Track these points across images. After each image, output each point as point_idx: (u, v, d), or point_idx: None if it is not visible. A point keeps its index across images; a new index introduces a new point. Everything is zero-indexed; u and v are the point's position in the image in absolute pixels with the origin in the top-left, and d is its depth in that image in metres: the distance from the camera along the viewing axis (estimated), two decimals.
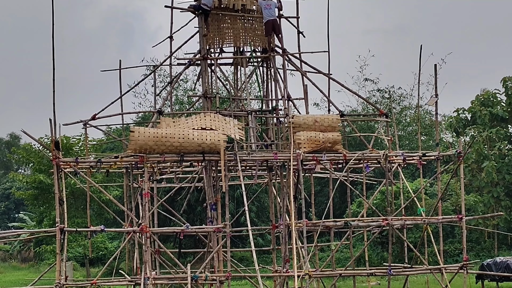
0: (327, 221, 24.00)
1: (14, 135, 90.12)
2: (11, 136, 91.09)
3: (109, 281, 25.10)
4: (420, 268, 24.17)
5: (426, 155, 24.39)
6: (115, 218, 26.67)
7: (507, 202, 42.12)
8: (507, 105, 44.05)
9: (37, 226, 37.54)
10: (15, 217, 65.80)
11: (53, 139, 21.44)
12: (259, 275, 20.48)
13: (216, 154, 21.59)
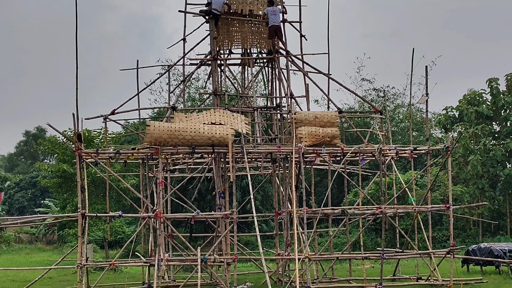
0: (326, 209, 23.98)
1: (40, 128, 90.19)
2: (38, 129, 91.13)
3: (126, 262, 25.10)
4: (411, 253, 24.15)
5: (417, 149, 24.35)
6: (132, 205, 26.64)
7: (491, 193, 42.05)
8: (491, 104, 43.91)
9: (61, 211, 37.51)
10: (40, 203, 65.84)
11: (76, 132, 21.51)
12: (263, 258, 20.45)
13: (224, 146, 21.60)
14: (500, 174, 41.93)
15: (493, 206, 41.73)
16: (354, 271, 26.13)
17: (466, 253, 27.43)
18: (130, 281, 25.37)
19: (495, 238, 39.19)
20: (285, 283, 21.64)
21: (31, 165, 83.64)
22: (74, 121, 21.37)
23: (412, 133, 32.91)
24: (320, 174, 38.05)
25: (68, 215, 29.22)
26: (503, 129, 44.40)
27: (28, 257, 44.28)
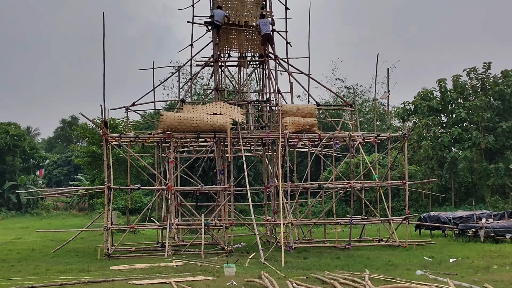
0: (305, 183, 24.03)
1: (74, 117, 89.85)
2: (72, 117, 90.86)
3: (143, 226, 25.12)
4: (374, 219, 24.24)
5: (380, 136, 24.37)
6: (148, 179, 26.63)
7: (439, 171, 42.15)
8: (440, 99, 43.94)
9: (91, 184, 37.47)
10: (74, 178, 65.71)
11: (103, 120, 21.45)
12: (255, 223, 20.50)
13: (224, 132, 21.57)
14: (447, 156, 42.05)
15: (441, 182, 41.88)
16: (328, 234, 26.24)
17: (418, 220, 27.56)
18: (146, 241, 25.42)
19: (442, 208, 39.33)
20: (272, 243, 21.67)
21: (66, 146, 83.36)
22: (101, 111, 21.37)
23: (376, 123, 32.87)
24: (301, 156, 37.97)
25: (97, 187, 29.23)
26: (450, 120, 44.46)
27: (64, 221, 44.32)
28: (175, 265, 17.09)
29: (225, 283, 12.87)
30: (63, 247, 22.39)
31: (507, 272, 14.33)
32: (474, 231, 22.70)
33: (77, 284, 13.37)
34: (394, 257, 18.32)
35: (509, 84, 42.15)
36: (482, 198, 40.50)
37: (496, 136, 41.39)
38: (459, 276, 13.78)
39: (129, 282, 13.52)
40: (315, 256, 19.09)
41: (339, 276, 13.49)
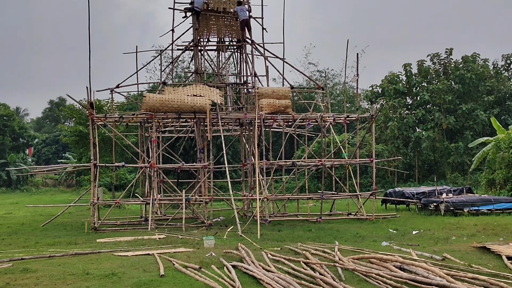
0: (280, 161, 24.08)
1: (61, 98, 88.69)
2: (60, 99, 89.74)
3: (128, 201, 25.01)
4: (343, 194, 24.40)
5: (349, 117, 24.45)
6: (132, 157, 26.43)
7: (404, 150, 42.59)
8: (406, 83, 44.27)
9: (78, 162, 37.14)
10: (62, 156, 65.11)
11: (89, 101, 21.18)
12: (233, 198, 20.51)
13: (203, 113, 21.45)
14: (411, 136, 42.49)
15: (405, 160, 42.34)
16: (301, 208, 26.38)
17: (384, 195, 27.86)
18: (131, 215, 25.33)
19: (407, 184, 39.82)
20: (249, 217, 21.75)
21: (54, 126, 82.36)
22: (87, 92, 21.09)
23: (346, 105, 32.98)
24: (276, 135, 38.05)
25: (83, 165, 28.94)
26: (414, 102, 44.84)
27: (53, 197, 43.92)
28: (157, 238, 17.06)
29: (204, 255, 12.89)
30: (52, 222, 22.21)
31: (464, 242, 14.58)
32: (435, 205, 23.02)
33: (65, 256, 13.28)
34: (362, 230, 18.50)
35: (469, 69, 42.63)
36: (443, 175, 41.10)
37: (457, 117, 41.92)
38: (421, 246, 13.97)
39: (115, 254, 13.48)
40: (288, 229, 19.20)
41: (311, 247, 13.60)
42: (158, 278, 10.19)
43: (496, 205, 22.30)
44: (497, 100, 43.53)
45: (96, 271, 11.00)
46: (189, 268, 11.07)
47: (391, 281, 9.21)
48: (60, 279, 10.32)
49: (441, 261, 11.50)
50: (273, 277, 9.46)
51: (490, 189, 28.02)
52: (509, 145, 26.71)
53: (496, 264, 11.12)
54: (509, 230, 16.91)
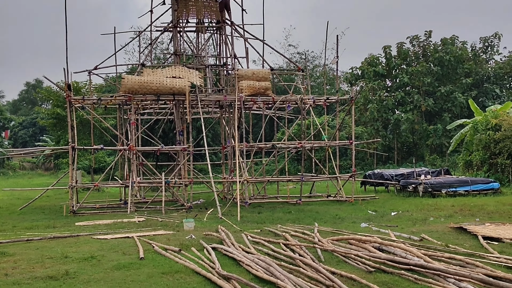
0: (260, 144, 24.10)
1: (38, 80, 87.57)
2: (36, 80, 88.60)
3: (107, 184, 24.87)
4: (323, 177, 24.56)
5: (329, 99, 24.52)
6: (111, 140, 26.23)
7: (383, 132, 42.88)
8: (385, 65, 44.42)
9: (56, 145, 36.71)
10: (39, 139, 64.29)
11: (66, 83, 20.95)
12: (213, 181, 20.52)
13: (183, 95, 21.33)
14: (391, 118, 42.74)
15: (385, 142, 42.66)
16: (280, 190, 26.49)
17: (364, 177, 28.10)
18: (110, 198, 25.21)
19: (386, 166, 40.18)
20: (229, 200, 21.79)
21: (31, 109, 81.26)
22: (65, 74, 20.84)
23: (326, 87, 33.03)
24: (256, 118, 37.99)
25: (61, 147, 28.64)
26: (394, 84, 45.06)
27: (30, 180, 43.42)
28: (137, 220, 17.03)
29: (184, 237, 12.90)
30: (29, 205, 22.00)
31: (442, 223, 14.79)
32: (414, 187, 23.29)
33: (43, 240, 13.18)
34: (341, 211, 18.66)
35: (447, 51, 42.89)
36: (422, 156, 41.52)
37: (435, 100, 42.26)
38: (399, 227, 14.14)
39: (94, 237, 13.42)
40: (268, 211, 19.29)
41: (290, 229, 13.68)
42: (138, 261, 10.17)
43: (473, 186, 22.65)
44: (475, 83, 43.97)
45: (75, 254, 10.94)
46: (169, 250, 11.07)
47: (369, 261, 9.31)
48: (38, 262, 10.25)
49: (419, 241, 11.66)
50: (253, 259, 9.51)
51: (467, 171, 28.41)
52: (486, 127, 27.05)
53: (472, 244, 11.31)
54: (485, 210, 17.20)
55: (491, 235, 11.91)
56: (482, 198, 20.82)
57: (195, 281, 8.54)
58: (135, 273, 9.21)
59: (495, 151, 26.07)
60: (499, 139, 25.77)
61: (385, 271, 8.81)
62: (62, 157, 38.42)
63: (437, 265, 8.56)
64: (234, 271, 9.00)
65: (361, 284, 7.96)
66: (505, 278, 7.54)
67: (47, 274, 9.20)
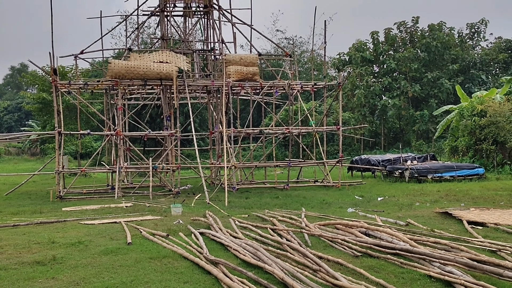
0: (248, 129, 24.09)
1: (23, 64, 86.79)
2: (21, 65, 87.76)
3: (94, 169, 24.77)
4: (310, 162, 24.64)
5: (317, 85, 24.53)
6: (98, 125, 26.08)
7: (370, 118, 43.07)
8: (373, 51, 44.48)
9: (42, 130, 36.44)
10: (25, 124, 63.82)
11: (52, 67, 20.73)
12: (200, 166, 20.51)
13: (170, 80, 21.23)
14: (378, 104, 42.89)
15: (372, 128, 42.85)
16: (268, 175, 26.56)
17: (350, 163, 28.24)
18: (97, 184, 25.13)
19: (372, 151, 40.40)
20: (216, 185, 21.82)
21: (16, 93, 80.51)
22: (50, 58, 20.60)
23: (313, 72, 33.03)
24: (244, 103, 38.01)
25: (48, 132, 28.47)
26: (381, 70, 45.17)
27: (16, 165, 43.14)
28: (124, 206, 17.00)
29: (172, 222, 12.92)
30: (16, 190, 21.87)
31: (427, 208, 14.94)
32: (400, 172, 23.46)
33: (30, 225, 13.13)
34: (328, 196, 18.76)
35: (435, 37, 43.02)
36: (409, 142, 41.79)
37: (422, 86, 42.45)
38: (385, 212, 14.26)
39: (81, 222, 13.39)
40: (256, 196, 19.35)
41: (278, 214, 13.74)
42: (125, 246, 10.18)
43: (459, 171, 22.86)
44: (462, 69, 44.20)
45: (62, 239, 10.92)
46: (157, 235, 11.08)
47: (356, 246, 9.40)
48: (25, 248, 10.22)
49: (405, 226, 11.77)
50: (241, 244, 9.55)
51: (453, 156, 28.65)
52: (472, 113, 27.24)
53: (458, 229, 11.44)
54: (470, 196, 17.39)
55: (476, 220, 12.06)
56: (467, 184, 21.03)
57: (183, 266, 8.57)
58: (123, 258, 9.22)
59: (480, 137, 26.30)
60: (484, 125, 25.99)
61: (371, 256, 8.90)
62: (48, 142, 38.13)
63: (422, 249, 8.65)
64: (221, 256, 9.04)
65: (347, 268, 8.04)
66: (489, 262, 7.65)
67: (34, 259, 9.19)
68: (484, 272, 7.53)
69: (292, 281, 7.09)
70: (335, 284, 7.03)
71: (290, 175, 23.95)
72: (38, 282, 7.87)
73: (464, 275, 7.48)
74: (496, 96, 29.35)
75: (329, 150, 33.88)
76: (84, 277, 8.04)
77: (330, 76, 46.29)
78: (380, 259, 8.69)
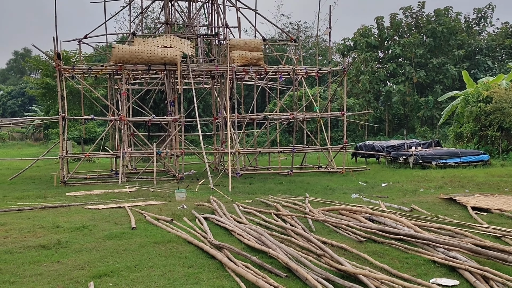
0: (252, 115, 24.06)
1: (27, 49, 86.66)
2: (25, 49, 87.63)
3: (98, 154, 24.82)
4: (314, 148, 24.64)
5: (321, 70, 24.45)
6: (101, 110, 26.10)
7: (375, 104, 42.97)
8: (378, 36, 44.24)
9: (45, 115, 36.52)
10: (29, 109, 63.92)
11: (55, 52, 20.69)
12: (204, 152, 20.53)
13: (174, 65, 21.18)
14: (382, 90, 42.77)
15: (376, 114, 42.77)
16: (272, 161, 26.57)
17: (355, 149, 28.21)
18: (101, 169, 25.20)
19: (377, 137, 40.33)
20: (220, 171, 21.85)
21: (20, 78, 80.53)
22: (54, 43, 20.56)
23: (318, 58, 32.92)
24: (248, 88, 37.90)
25: (51, 117, 28.50)
26: (386, 56, 44.95)
27: (20, 151, 43.26)
28: (128, 191, 17.06)
29: (176, 207, 12.95)
30: (20, 175, 21.96)
31: (432, 194, 14.93)
32: (404, 158, 23.44)
33: (34, 210, 13.19)
34: (332, 182, 18.77)
35: (441, 22, 42.72)
36: (413, 128, 41.71)
37: (427, 71, 42.25)
38: (390, 198, 14.27)
39: (85, 207, 13.44)
40: (259, 182, 19.37)
41: (282, 199, 13.77)
42: (130, 231, 10.22)
43: (463, 158, 22.83)
44: (467, 55, 43.92)
45: (67, 224, 10.97)
46: (161, 220, 11.12)
47: (360, 231, 9.41)
48: (30, 232, 10.28)
49: (409, 212, 11.78)
50: (245, 228, 9.58)
51: (457, 143, 28.60)
52: (477, 99, 27.14)
53: (462, 215, 11.45)
54: (475, 182, 17.37)
55: (480, 206, 12.05)
56: (472, 170, 21.01)
57: (187, 250, 8.61)
58: (127, 242, 9.26)
59: (485, 123, 26.21)
60: (489, 111, 25.89)
61: (375, 241, 8.92)
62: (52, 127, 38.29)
63: (426, 235, 8.66)
64: (226, 240, 9.07)
65: (351, 254, 8.05)
66: (493, 247, 7.66)
67: (39, 243, 9.24)
68: (488, 258, 7.54)
69: (296, 265, 7.11)
70: (339, 269, 7.05)
71: (294, 161, 23.95)
72: (43, 265, 7.92)
73: (469, 261, 7.49)
74: (502, 82, 29.22)
75: (333, 136, 33.86)
76: (88, 261, 8.08)
77: (335, 62, 46.13)
78: (384, 245, 8.71)
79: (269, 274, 7.08)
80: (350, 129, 39.67)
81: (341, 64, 30.04)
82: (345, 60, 31.65)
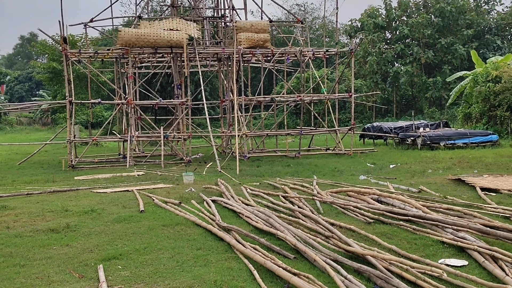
0: (259, 97, 24.02)
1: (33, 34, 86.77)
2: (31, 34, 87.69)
3: (105, 138, 24.88)
4: (322, 130, 24.58)
5: (329, 51, 24.29)
6: (108, 94, 26.12)
7: (382, 85, 42.74)
8: (386, 17, 43.87)
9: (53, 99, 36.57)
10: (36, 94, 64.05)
11: (62, 36, 20.68)
12: (211, 135, 20.54)
13: (180, 48, 21.12)
14: (390, 71, 42.50)
15: (384, 95, 42.56)
16: (279, 144, 26.57)
17: (362, 130, 28.13)
18: (108, 153, 25.29)
19: (384, 119, 40.18)
20: (227, 154, 21.86)
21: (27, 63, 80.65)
22: (60, 27, 20.52)
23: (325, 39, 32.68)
24: (255, 71, 37.74)
25: (59, 102, 28.59)
26: (394, 37, 44.60)
27: (28, 135, 43.45)
28: (136, 174, 17.12)
29: (184, 190, 12.99)
30: (28, 160, 22.08)
31: (440, 175, 14.89)
32: (412, 140, 23.36)
33: (43, 194, 13.28)
34: (340, 164, 18.75)
35: (449, 1, 42.28)
36: (421, 109, 41.50)
37: (435, 52, 41.91)
38: (398, 180, 14.25)
39: (93, 191, 13.51)
40: (267, 165, 19.38)
41: (289, 182, 13.78)
42: (138, 214, 10.27)
43: (472, 138, 22.72)
44: (476, 34, 43.48)
45: (75, 207, 11.04)
46: (169, 203, 11.17)
47: (368, 213, 9.41)
48: (39, 216, 10.35)
49: (417, 193, 11.76)
50: (253, 211, 9.60)
51: (466, 123, 28.44)
52: (486, 79, 26.92)
53: (470, 195, 11.42)
54: (483, 162, 17.30)
55: (489, 187, 12.01)
56: (481, 150, 20.91)
57: (195, 233, 8.64)
58: (136, 225, 9.32)
59: (494, 103, 26.03)
60: (499, 91, 25.69)
61: (384, 222, 8.92)
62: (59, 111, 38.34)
63: (435, 215, 8.65)
64: (234, 222, 9.10)
65: (360, 235, 8.06)
66: (502, 227, 7.64)
67: (48, 227, 9.31)
68: (497, 238, 7.53)
69: (304, 247, 7.13)
70: (347, 250, 7.06)
71: (302, 143, 23.92)
72: (52, 249, 7.98)
73: (477, 241, 7.48)
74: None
75: (341, 118, 33.74)
76: (97, 244, 8.14)
77: (342, 43, 45.84)
78: (392, 226, 8.71)
79: (277, 255, 7.10)
80: (357, 110, 39.50)
81: (349, 45, 29.83)
82: (352, 41, 31.42)
